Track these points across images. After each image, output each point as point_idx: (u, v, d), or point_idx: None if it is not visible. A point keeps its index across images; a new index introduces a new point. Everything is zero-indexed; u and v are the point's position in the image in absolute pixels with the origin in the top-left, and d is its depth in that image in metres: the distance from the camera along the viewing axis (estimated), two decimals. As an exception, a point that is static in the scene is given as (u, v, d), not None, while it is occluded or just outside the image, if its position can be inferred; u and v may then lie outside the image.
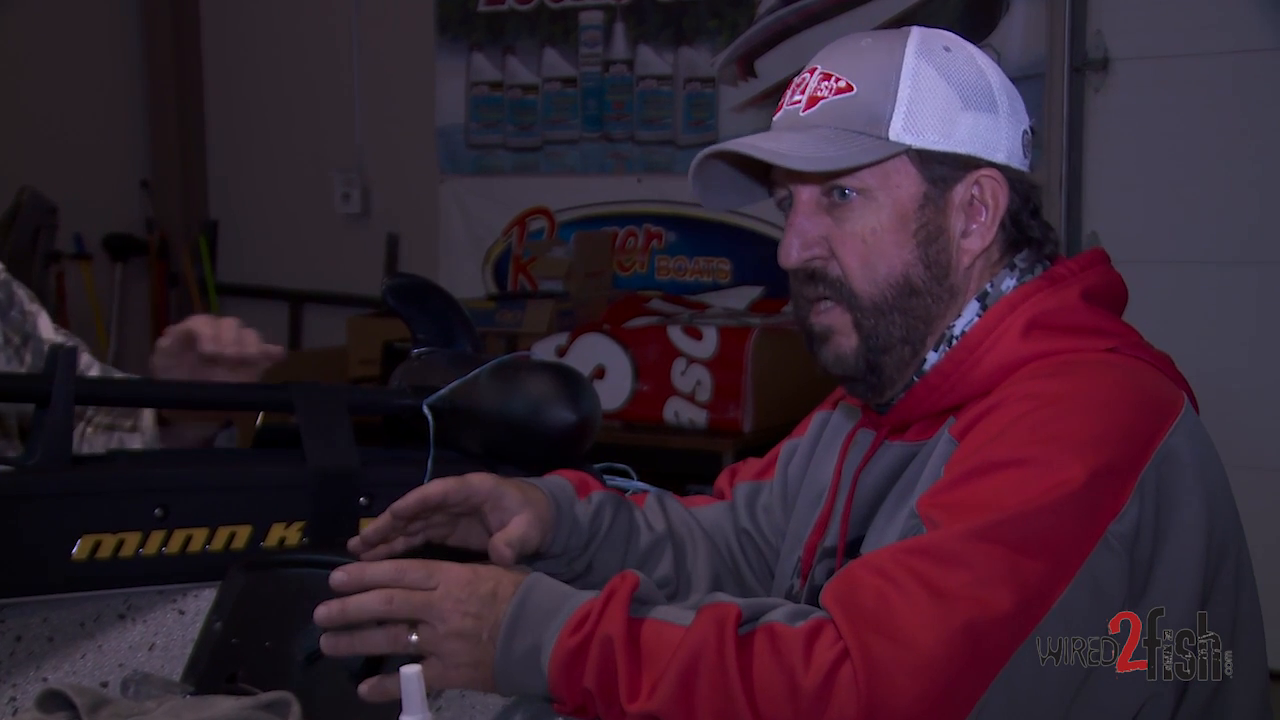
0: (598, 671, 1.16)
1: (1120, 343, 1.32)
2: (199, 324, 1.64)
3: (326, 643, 1.22)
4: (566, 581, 1.43)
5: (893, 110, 1.32)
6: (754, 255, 4.64)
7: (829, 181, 1.34)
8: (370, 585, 1.20)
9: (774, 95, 4.64)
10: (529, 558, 1.46)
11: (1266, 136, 3.89)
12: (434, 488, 1.39)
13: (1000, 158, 1.34)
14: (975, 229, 1.34)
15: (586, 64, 5.04)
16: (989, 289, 1.35)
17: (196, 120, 5.99)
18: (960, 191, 1.34)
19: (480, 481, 1.41)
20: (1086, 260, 1.38)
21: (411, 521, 1.40)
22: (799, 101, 1.36)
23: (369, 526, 1.41)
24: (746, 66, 4.71)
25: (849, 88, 1.33)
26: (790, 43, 4.57)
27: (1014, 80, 1.41)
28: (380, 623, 1.20)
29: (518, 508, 1.41)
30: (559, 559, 1.47)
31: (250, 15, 5.84)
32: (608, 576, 1.46)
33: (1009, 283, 1.36)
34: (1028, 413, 1.22)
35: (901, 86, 1.32)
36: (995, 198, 1.34)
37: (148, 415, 1.75)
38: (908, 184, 1.33)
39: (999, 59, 3.99)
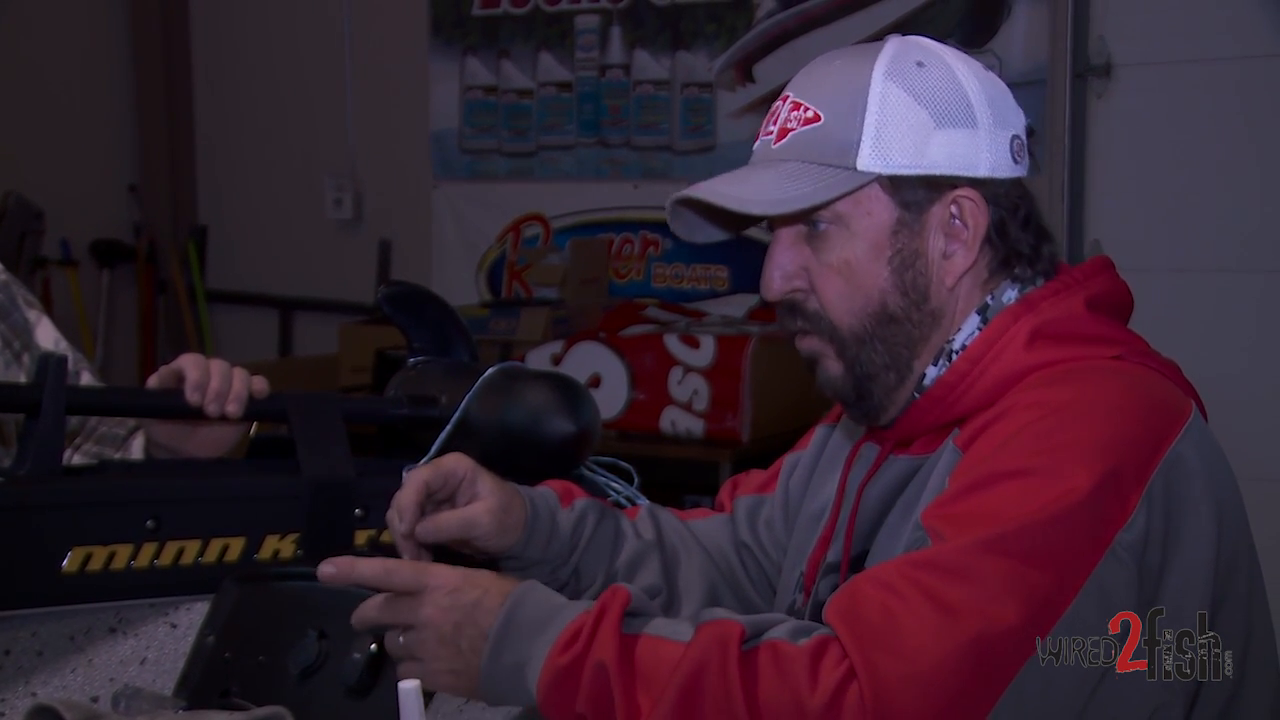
0: (591, 698, 1.14)
1: (1126, 350, 1.31)
2: (187, 365, 1.57)
3: None
4: (554, 590, 1.43)
5: (860, 138, 1.30)
6: (752, 263, 4.50)
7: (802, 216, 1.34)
8: (358, 581, 1.21)
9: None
10: (495, 561, 1.45)
11: (1271, 142, 3.88)
12: (415, 484, 1.38)
13: (982, 171, 1.32)
14: (957, 249, 1.33)
15: (582, 68, 5.02)
16: (989, 301, 1.34)
17: (185, 124, 5.96)
18: (937, 213, 1.32)
19: (456, 464, 1.42)
20: (1091, 268, 1.37)
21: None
22: (771, 133, 1.36)
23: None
24: (745, 71, 4.69)
25: (816, 118, 1.32)
26: (789, 48, 4.56)
27: (1015, 86, 1.39)
28: None
29: (487, 494, 1.42)
30: (542, 566, 1.47)
31: (241, 16, 5.82)
32: (595, 583, 1.46)
33: (1011, 294, 1.35)
34: (1032, 422, 1.21)
35: (869, 112, 1.30)
36: (974, 216, 1.32)
37: (137, 448, 1.73)
38: (880, 211, 1.32)
39: (1000, 65, 3.99)
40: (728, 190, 1.33)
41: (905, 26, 4.20)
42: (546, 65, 5.07)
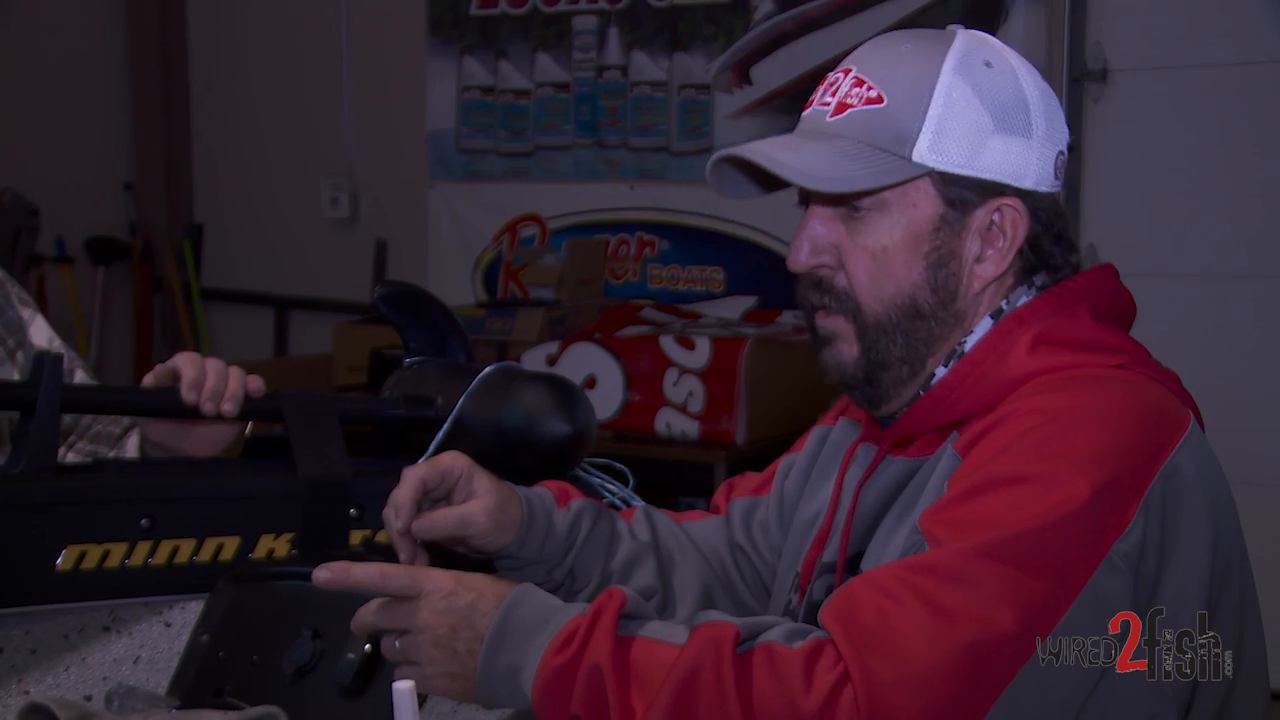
0: (586, 700, 1.14)
1: (1128, 359, 1.31)
2: (183, 364, 1.57)
3: None
4: (549, 590, 1.42)
5: (920, 129, 1.29)
6: (748, 264, 4.64)
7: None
8: (353, 586, 1.21)
9: (770, 102, 4.64)
10: (489, 562, 1.45)
11: (1268, 148, 3.89)
12: (412, 480, 1.38)
13: (1028, 183, 1.32)
14: (991, 255, 1.32)
15: (580, 69, 5.02)
16: (1004, 306, 1.34)
17: (182, 122, 5.96)
18: (979, 217, 1.31)
19: (453, 461, 1.41)
20: (1095, 276, 1.37)
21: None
22: (828, 105, 1.33)
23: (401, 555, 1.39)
24: (742, 73, 4.70)
25: (879, 99, 1.30)
26: (787, 50, 4.57)
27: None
28: None
29: (484, 492, 1.41)
30: (538, 566, 1.46)
31: (238, 14, 5.82)
32: (590, 584, 1.46)
33: (1024, 299, 1.34)
34: (1032, 428, 1.21)
35: (933, 104, 1.29)
36: (1014, 226, 1.32)
37: (132, 447, 1.73)
38: (925, 204, 1.31)
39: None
40: (781, 157, 1.31)
41: (903, 28, 4.20)
42: (544, 66, 5.07)
